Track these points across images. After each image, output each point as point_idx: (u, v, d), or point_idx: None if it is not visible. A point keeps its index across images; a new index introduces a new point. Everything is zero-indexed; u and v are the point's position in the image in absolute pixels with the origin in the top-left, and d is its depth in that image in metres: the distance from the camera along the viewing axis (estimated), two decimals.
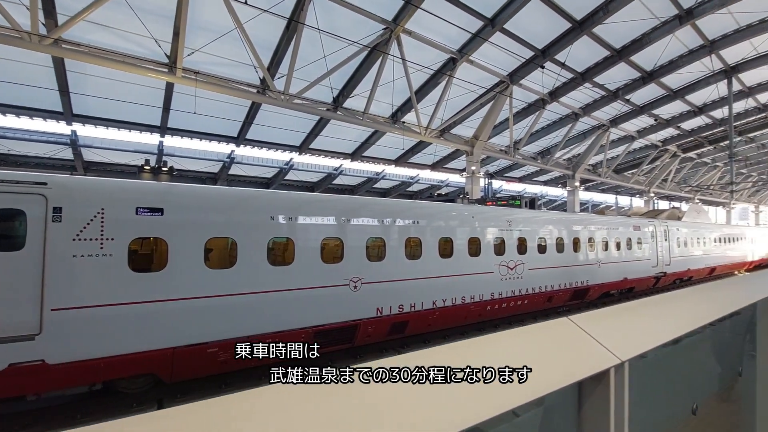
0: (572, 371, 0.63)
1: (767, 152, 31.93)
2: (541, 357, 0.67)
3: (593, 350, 0.71)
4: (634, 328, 0.86)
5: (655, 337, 0.80)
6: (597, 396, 0.70)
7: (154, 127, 16.26)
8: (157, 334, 5.76)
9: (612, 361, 0.69)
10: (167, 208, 5.93)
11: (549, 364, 0.64)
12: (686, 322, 0.92)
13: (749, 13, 14.06)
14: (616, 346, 0.72)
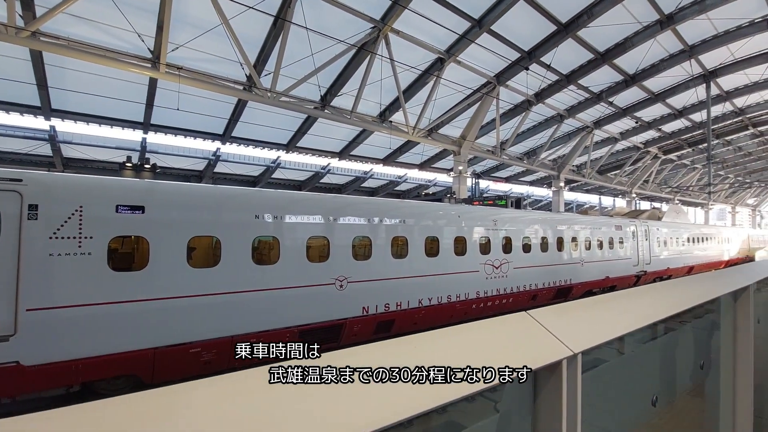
0: (525, 362, 0.65)
1: (743, 155, 32.96)
2: (497, 349, 0.69)
3: (548, 343, 0.73)
4: (591, 323, 0.89)
5: (609, 331, 0.83)
6: (551, 386, 0.72)
7: (137, 124, 15.95)
8: (137, 335, 5.66)
9: (565, 352, 0.72)
10: (149, 206, 5.83)
11: (503, 356, 0.67)
12: (643, 317, 0.96)
13: (727, 20, 14.49)
14: (570, 339, 0.75)
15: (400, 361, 0.61)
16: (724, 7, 13.33)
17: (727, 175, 38.43)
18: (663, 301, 1.12)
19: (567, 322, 0.85)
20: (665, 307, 1.05)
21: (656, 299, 1.14)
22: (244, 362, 5.04)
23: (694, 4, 13.54)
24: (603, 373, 0.91)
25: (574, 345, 0.74)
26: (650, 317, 0.97)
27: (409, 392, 0.55)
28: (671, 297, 1.18)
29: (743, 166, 36.71)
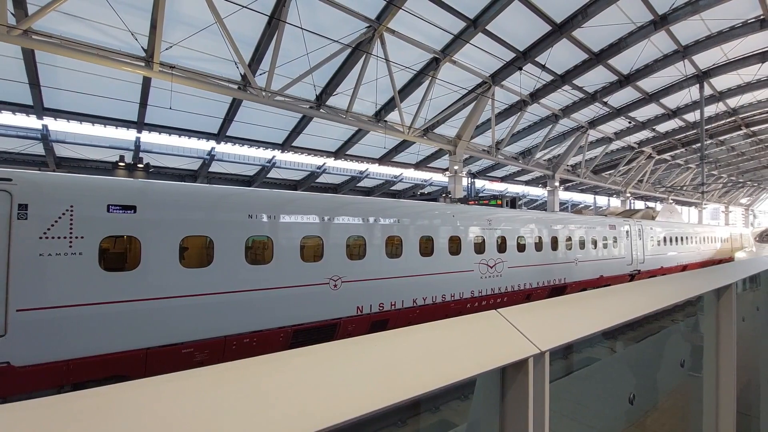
0: (493, 359, 0.65)
1: (736, 155, 33.25)
2: (464, 346, 0.69)
3: (515, 341, 0.73)
4: (561, 321, 0.89)
5: (578, 329, 0.84)
6: (518, 383, 0.72)
7: (131, 123, 15.86)
8: (129, 335, 5.64)
9: (532, 350, 0.72)
10: (141, 206, 5.80)
11: (470, 353, 0.66)
12: (617, 316, 0.96)
13: (720, 20, 14.60)
14: (538, 337, 0.75)
15: (368, 357, 0.61)
16: (717, 8, 13.43)
17: (720, 175, 38.74)
18: (640, 299, 1.13)
19: (537, 320, 0.85)
20: (641, 306, 1.05)
21: (633, 297, 1.15)
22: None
23: (688, 4, 13.63)
24: (594, 372, 0.91)
25: (542, 343, 0.74)
26: (625, 315, 0.97)
27: (374, 387, 0.55)
28: (648, 295, 1.18)
29: (736, 165, 37.03)
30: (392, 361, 0.61)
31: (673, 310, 1.73)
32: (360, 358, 0.61)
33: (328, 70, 14.01)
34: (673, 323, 2.59)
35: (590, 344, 6.46)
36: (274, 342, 6.94)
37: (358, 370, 0.59)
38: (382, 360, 0.61)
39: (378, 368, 0.60)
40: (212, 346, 6.27)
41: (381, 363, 0.60)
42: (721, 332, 1.60)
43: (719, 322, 1.61)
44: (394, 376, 0.58)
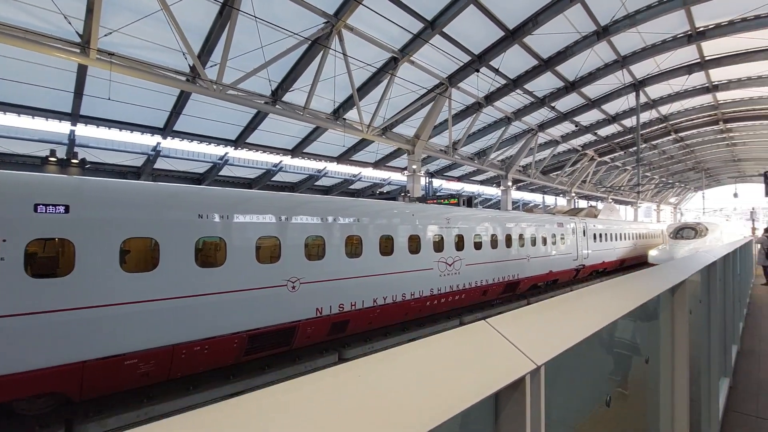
0: (488, 383, 0.58)
1: (667, 158, 36.43)
2: (455, 369, 0.61)
3: (510, 356, 0.67)
4: (551, 329, 0.85)
5: (570, 336, 0.80)
6: (513, 404, 0.66)
7: (64, 114, 14.46)
8: (62, 348, 5.09)
9: (528, 366, 0.66)
10: (74, 205, 5.25)
11: (464, 377, 0.59)
12: (600, 318, 0.94)
13: (654, 34, 15.85)
14: (532, 349, 0.69)
15: (345, 391, 0.50)
16: (651, 22, 14.56)
17: (653, 176, 42.30)
18: (617, 299, 1.13)
19: (527, 330, 0.80)
20: (623, 304, 1.05)
21: (612, 297, 1.15)
22: (185, 373, 4.67)
23: (627, 17, 14.66)
24: (557, 377, 0.86)
25: (537, 356, 0.68)
26: (611, 315, 0.96)
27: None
28: (625, 293, 1.19)
29: (666, 168, 40.58)
30: (368, 398, 0.50)
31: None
32: (323, 397, 0.50)
33: (285, 64, 13.58)
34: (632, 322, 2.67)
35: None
36: (227, 349, 6.59)
37: (319, 413, 0.48)
38: (353, 399, 0.49)
39: (348, 409, 0.49)
40: (158, 356, 5.83)
41: (351, 403, 0.49)
42: (676, 324, 1.68)
43: (674, 315, 1.69)
44: (371, 418, 0.47)
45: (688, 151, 35.48)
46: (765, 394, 4.12)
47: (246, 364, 7.38)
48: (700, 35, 15.74)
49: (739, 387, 4.26)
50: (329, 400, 0.47)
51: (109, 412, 5.80)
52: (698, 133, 29.50)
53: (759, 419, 3.52)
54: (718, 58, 17.65)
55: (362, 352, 8.84)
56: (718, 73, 19.22)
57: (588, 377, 1.11)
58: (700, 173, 43.52)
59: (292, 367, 7.67)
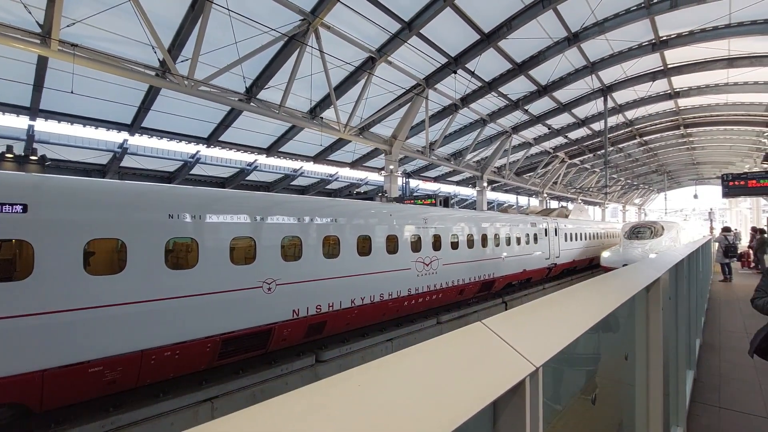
0: (489, 389, 0.56)
1: (632, 161, 38.06)
2: (458, 374, 0.59)
3: (509, 359, 0.65)
4: (545, 329, 0.84)
5: (565, 336, 0.79)
6: (512, 408, 0.64)
7: (22, 108, 13.63)
8: (21, 356, 4.78)
9: (527, 368, 0.65)
10: (33, 204, 4.94)
11: (466, 384, 0.56)
12: (590, 316, 0.94)
13: (621, 41, 16.52)
14: (530, 351, 0.68)
15: (343, 406, 0.46)
16: (619, 30, 15.17)
17: (619, 178, 44.11)
18: (603, 296, 1.14)
19: (523, 330, 0.78)
20: (610, 301, 1.06)
21: (594, 297, 1.16)
22: (154, 379, 4.47)
23: (596, 25, 15.20)
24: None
25: (535, 358, 0.67)
26: (597, 314, 0.96)
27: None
28: (605, 293, 1.21)
29: (631, 170, 42.40)
30: (369, 411, 0.46)
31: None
32: (319, 410, 0.46)
33: (260, 61, 13.30)
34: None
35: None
36: (200, 353, 6.37)
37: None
38: (351, 416, 0.46)
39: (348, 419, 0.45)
40: (126, 363, 5.56)
41: (350, 419, 0.45)
42: (650, 321, 1.73)
43: (649, 312, 1.74)
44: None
45: (652, 155, 37.21)
46: (726, 385, 4.35)
47: (220, 369, 7.17)
48: (664, 44, 16.52)
49: (703, 379, 4.48)
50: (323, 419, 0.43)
51: (71, 422, 5.49)
52: (661, 137, 30.98)
53: (722, 409, 3.70)
54: (679, 66, 18.58)
55: (339, 353, 8.76)
56: (680, 80, 20.24)
57: (575, 376, 1.11)
58: (662, 175, 45.73)
59: (268, 370, 7.51)
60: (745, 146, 30.63)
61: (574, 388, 1.13)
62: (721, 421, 3.48)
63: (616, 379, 1.59)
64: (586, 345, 0.95)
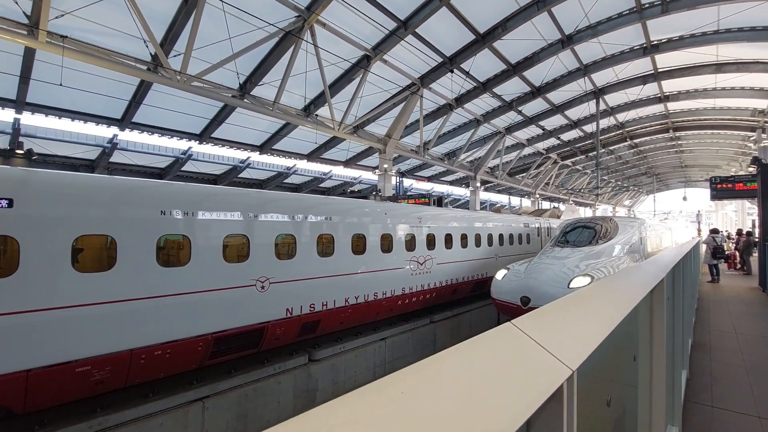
0: (526, 400, 0.51)
1: (622, 163, 38.52)
2: (493, 383, 0.54)
3: (545, 364, 0.62)
4: (575, 329, 0.81)
5: (595, 335, 0.76)
6: (547, 419, 0.60)
7: (8, 101, 13.31)
8: (3, 356, 4.65)
9: (564, 373, 0.61)
10: (19, 199, 4.81)
11: (502, 394, 0.52)
12: (613, 314, 0.92)
13: (613, 44, 16.67)
14: (564, 353, 0.64)
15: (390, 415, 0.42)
16: (611, 33, 15.31)
17: (610, 180, 44.63)
18: (617, 298, 1.12)
19: (553, 331, 0.75)
20: (624, 303, 1.04)
21: (609, 297, 1.14)
22: (144, 379, 4.36)
23: (589, 28, 15.32)
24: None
25: (570, 361, 0.63)
26: (619, 312, 0.93)
27: None
28: (619, 294, 1.19)
29: (622, 172, 42.92)
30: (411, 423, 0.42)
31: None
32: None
33: (254, 57, 13.16)
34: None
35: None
36: (191, 352, 6.27)
37: None
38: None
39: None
40: (115, 362, 5.45)
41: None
42: (654, 321, 1.73)
43: (653, 312, 1.74)
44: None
45: (642, 157, 37.70)
46: (717, 384, 4.40)
47: (211, 368, 7.07)
48: (654, 48, 16.71)
49: (695, 378, 4.52)
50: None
51: (56, 424, 5.36)
52: (651, 140, 31.39)
53: (714, 408, 3.74)
54: (669, 70, 18.82)
55: (332, 352, 8.71)
56: (670, 84, 20.51)
57: (595, 379, 1.09)
58: (651, 178, 46.37)
59: (261, 369, 7.43)
60: (731, 150, 31.19)
61: (595, 394, 1.11)
62: (714, 419, 3.52)
63: (623, 379, 1.58)
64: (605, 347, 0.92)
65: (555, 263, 10.20)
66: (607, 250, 11.02)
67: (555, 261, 10.39)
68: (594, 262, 10.15)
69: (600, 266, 9.69)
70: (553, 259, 10.61)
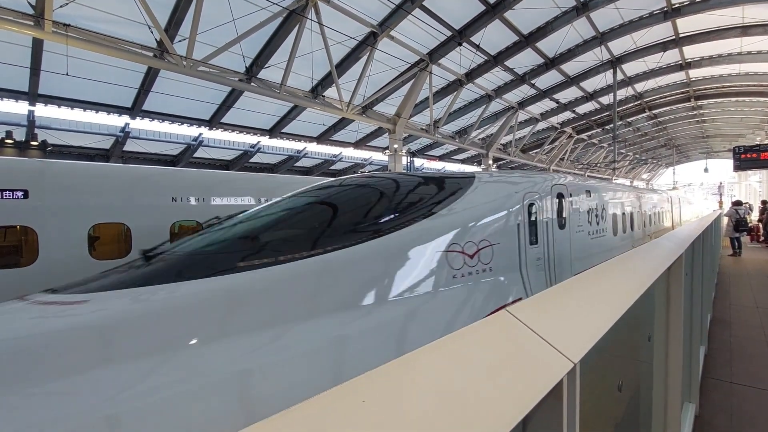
0: (522, 396, 0.47)
1: (640, 135, 37.27)
2: (484, 379, 0.50)
3: (543, 355, 0.58)
4: (577, 317, 0.76)
5: (600, 324, 0.71)
6: (546, 415, 0.56)
7: (20, 94, 13.48)
8: None
9: (565, 366, 0.57)
10: (34, 190, 4.90)
11: (494, 392, 0.48)
12: (621, 300, 0.86)
13: (632, 10, 15.85)
14: (565, 344, 0.60)
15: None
16: None
17: (628, 153, 43.33)
18: (628, 278, 1.06)
19: (554, 319, 0.70)
20: (636, 285, 0.98)
21: (620, 278, 1.08)
22: None
23: None
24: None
25: (572, 353, 0.59)
26: (628, 297, 0.88)
27: None
28: (631, 274, 1.13)
29: (640, 145, 41.57)
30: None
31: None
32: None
33: (259, 39, 12.96)
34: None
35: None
36: None
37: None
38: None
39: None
40: None
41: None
42: (671, 298, 1.66)
43: (669, 289, 1.67)
44: None
45: (661, 128, 36.36)
46: (737, 360, 4.31)
47: None
48: (676, 12, 15.83)
49: (714, 354, 4.44)
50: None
51: None
52: (671, 110, 30.18)
53: (733, 384, 3.67)
54: (691, 35, 17.87)
55: None
56: (692, 50, 19.51)
57: (605, 365, 1.04)
58: (671, 149, 44.84)
59: None
60: (756, 118, 29.81)
61: (604, 381, 1.06)
62: (733, 396, 3.46)
63: (637, 360, 1.53)
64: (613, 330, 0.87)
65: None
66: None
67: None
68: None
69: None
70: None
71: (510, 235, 4.00)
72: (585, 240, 5.65)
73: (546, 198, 4.71)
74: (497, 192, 4.29)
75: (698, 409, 3.06)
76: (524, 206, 4.27)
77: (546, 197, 4.72)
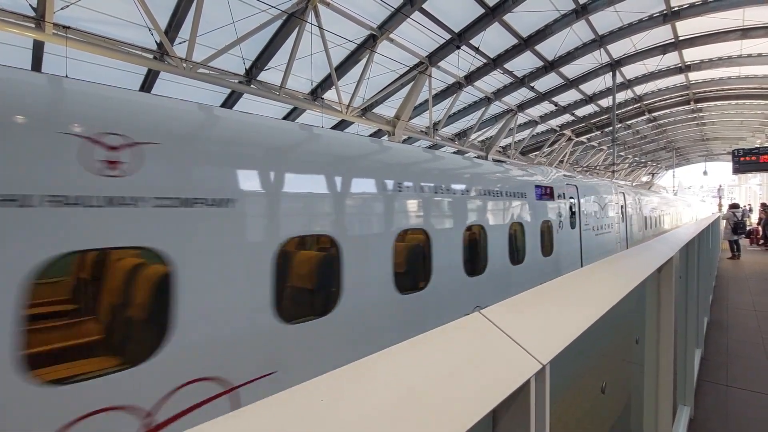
0: (485, 396, 0.49)
1: (640, 137, 37.33)
2: (453, 377, 0.51)
3: (511, 356, 0.58)
4: (551, 320, 0.77)
5: (573, 327, 0.72)
6: (513, 414, 0.57)
7: None
8: None
9: (533, 366, 0.58)
10: None
11: (463, 388, 0.49)
12: (600, 303, 0.87)
13: (631, 13, 15.91)
14: (536, 346, 0.61)
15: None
16: (629, 1, 14.60)
17: (627, 156, 43.41)
18: (611, 281, 1.07)
19: (526, 322, 0.71)
20: (617, 288, 0.98)
21: (603, 281, 1.08)
22: None
23: None
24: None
25: (541, 354, 0.60)
26: (608, 301, 0.88)
27: None
28: (615, 277, 1.14)
29: (640, 147, 41.64)
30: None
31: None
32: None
33: (259, 41, 13.01)
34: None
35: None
36: None
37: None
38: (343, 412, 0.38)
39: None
40: None
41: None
42: (662, 301, 1.67)
43: (660, 292, 1.68)
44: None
45: (661, 131, 36.44)
46: (733, 363, 4.31)
47: None
48: (675, 15, 15.89)
49: (710, 357, 4.44)
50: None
51: None
52: (670, 113, 30.26)
53: (729, 387, 3.67)
54: (691, 38, 17.93)
55: None
56: (691, 53, 19.57)
57: (584, 367, 1.05)
58: (671, 152, 44.93)
59: None
60: (756, 120, 29.87)
61: (582, 382, 1.07)
62: (728, 399, 3.45)
63: (625, 362, 1.54)
64: (594, 332, 0.88)
65: None
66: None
67: None
68: None
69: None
70: None
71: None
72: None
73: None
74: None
75: (693, 412, 3.06)
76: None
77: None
